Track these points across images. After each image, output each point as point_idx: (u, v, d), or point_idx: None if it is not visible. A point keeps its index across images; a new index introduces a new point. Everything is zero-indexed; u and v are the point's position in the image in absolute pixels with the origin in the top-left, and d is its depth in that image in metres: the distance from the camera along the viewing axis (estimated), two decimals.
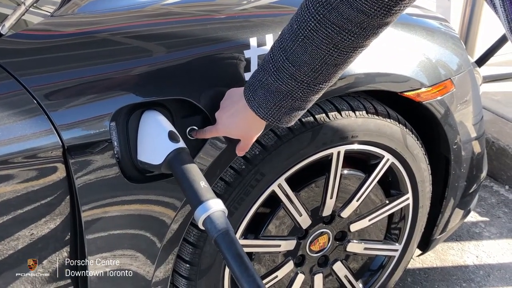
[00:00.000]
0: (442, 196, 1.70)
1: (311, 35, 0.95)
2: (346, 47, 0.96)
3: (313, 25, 0.95)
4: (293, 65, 0.99)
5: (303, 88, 1.02)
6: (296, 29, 0.97)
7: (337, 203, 1.49)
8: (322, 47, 0.96)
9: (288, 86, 1.01)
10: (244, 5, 1.44)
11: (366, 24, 0.93)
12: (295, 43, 0.98)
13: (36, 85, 1.02)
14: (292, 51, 0.98)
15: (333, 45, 0.95)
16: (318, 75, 1.00)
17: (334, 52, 0.96)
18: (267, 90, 1.03)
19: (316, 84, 1.02)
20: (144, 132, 1.10)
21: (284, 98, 1.03)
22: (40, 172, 1.03)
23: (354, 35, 0.94)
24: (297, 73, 1.00)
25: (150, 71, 1.12)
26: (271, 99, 1.04)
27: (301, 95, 1.03)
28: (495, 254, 2.17)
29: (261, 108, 1.05)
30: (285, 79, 1.01)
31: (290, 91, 1.02)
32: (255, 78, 1.06)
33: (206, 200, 0.99)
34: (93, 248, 1.14)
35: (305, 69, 0.99)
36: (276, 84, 1.02)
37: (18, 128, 0.99)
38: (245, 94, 1.07)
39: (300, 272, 1.54)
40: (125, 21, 1.26)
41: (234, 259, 0.94)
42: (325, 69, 0.99)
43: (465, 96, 1.61)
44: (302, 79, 1.00)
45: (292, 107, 1.05)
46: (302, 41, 0.97)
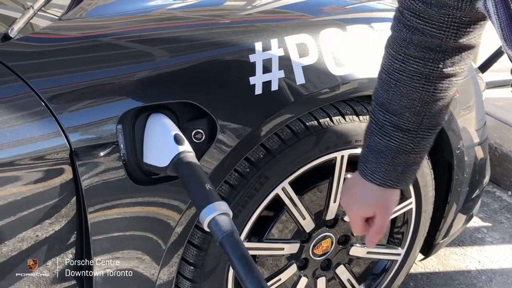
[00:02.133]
0: (445, 201, 1.71)
1: (400, 76, 0.94)
2: (438, 78, 0.94)
3: (398, 66, 0.94)
4: (394, 115, 0.97)
5: (412, 137, 0.98)
6: (385, 78, 0.97)
7: (341, 207, 1.50)
8: (415, 84, 0.94)
9: (396, 140, 0.98)
10: (249, 10, 1.45)
11: (444, 47, 0.91)
12: (389, 91, 0.96)
13: (44, 87, 1.04)
14: (389, 101, 0.97)
15: (425, 79, 0.93)
16: (423, 119, 0.97)
17: (429, 87, 0.94)
18: (377, 152, 1.00)
19: (424, 130, 0.98)
20: (150, 134, 1.11)
21: (396, 155, 0.99)
22: (47, 173, 1.04)
23: (439, 62, 0.92)
24: (401, 123, 0.97)
25: (157, 74, 1.13)
26: (383, 161, 1.00)
27: (413, 147, 0.99)
28: (498, 259, 2.17)
29: (375, 174, 1.01)
30: (391, 132, 0.98)
31: (400, 145, 0.98)
32: (363, 147, 1.03)
33: (211, 203, 1.00)
34: (99, 249, 1.15)
35: (408, 115, 0.96)
36: (383, 142, 0.99)
37: (26, 130, 1.01)
38: (359, 167, 1.04)
39: (303, 276, 1.55)
40: (131, 25, 1.28)
41: (239, 260, 0.95)
42: (427, 109, 0.96)
43: (468, 101, 1.62)
44: (408, 127, 0.97)
45: (407, 163, 1.00)
46: (395, 85, 0.95)
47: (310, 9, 1.49)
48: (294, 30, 1.29)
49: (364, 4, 1.62)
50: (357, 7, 1.60)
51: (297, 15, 1.46)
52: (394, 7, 1.66)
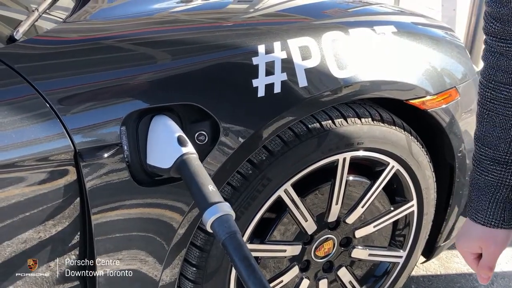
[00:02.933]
0: (447, 204, 1.71)
1: (492, 105, 0.93)
2: None
3: (489, 95, 0.93)
4: (489, 147, 0.95)
5: (511, 170, 0.94)
6: (479, 110, 0.96)
7: (342, 209, 1.50)
8: (508, 113, 0.92)
9: (494, 174, 0.95)
10: (252, 13, 1.46)
11: None
12: (483, 123, 0.95)
13: (49, 89, 1.05)
14: (484, 133, 0.95)
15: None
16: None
17: None
18: (477, 190, 0.98)
19: None
20: (154, 136, 1.12)
21: (496, 191, 0.95)
22: (52, 174, 1.05)
23: None
24: (497, 155, 0.94)
25: (160, 76, 1.14)
26: (484, 198, 0.96)
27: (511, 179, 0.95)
28: (499, 262, 2.15)
29: (478, 212, 0.97)
30: (488, 166, 0.95)
31: (499, 180, 0.95)
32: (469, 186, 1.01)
33: (214, 204, 1.01)
34: (102, 249, 1.16)
35: (503, 147, 0.93)
36: (482, 177, 0.96)
37: (31, 131, 1.02)
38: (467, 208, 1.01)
39: (305, 277, 1.55)
40: (135, 28, 1.29)
41: (242, 261, 0.96)
42: None
43: (470, 105, 1.62)
44: (506, 160, 0.94)
45: (510, 199, 0.96)
46: (488, 115, 0.94)
47: (313, 12, 1.50)
48: (296, 33, 1.30)
49: (366, 8, 1.63)
50: (359, 11, 1.61)
51: (300, 18, 1.47)
52: (396, 10, 1.68)
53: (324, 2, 1.61)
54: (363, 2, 1.69)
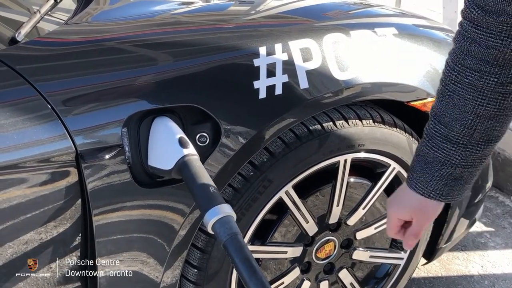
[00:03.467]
0: (448, 206, 1.71)
1: (455, 87, 0.95)
2: (493, 93, 0.93)
3: (454, 77, 0.95)
4: (445, 126, 0.97)
5: (460, 150, 0.97)
6: (441, 89, 0.97)
7: (344, 211, 1.50)
8: (469, 97, 0.94)
9: (443, 151, 0.98)
10: (253, 15, 1.46)
11: (501, 60, 0.91)
12: (443, 102, 0.97)
13: (51, 91, 1.05)
14: (442, 112, 0.97)
15: (479, 92, 0.93)
16: (473, 132, 0.96)
17: (483, 101, 0.93)
18: (424, 161, 1.00)
19: (474, 145, 0.97)
20: (155, 138, 1.12)
21: (442, 166, 0.99)
22: (53, 176, 1.05)
23: (495, 76, 0.92)
24: (450, 134, 0.97)
25: (161, 78, 1.14)
26: (428, 171, 1.00)
27: (460, 159, 0.98)
28: (500, 264, 2.17)
29: (419, 183, 1.02)
30: (440, 143, 0.98)
31: (447, 157, 0.98)
32: (413, 158, 1.04)
33: (216, 205, 1.01)
34: (103, 251, 1.16)
35: (458, 127, 0.96)
36: (431, 152, 0.99)
37: (33, 132, 1.02)
38: (407, 177, 1.05)
39: (306, 279, 1.55)
40: (137, 30, 1.29)
41: (243, 263, 0.96)
42: (479, 123, 0.95)
43: None
44: (457, 140, 0.96)
45: (453, 177, 0.99)
46: (449, 96, 0.96)
47: (314, 14, 1.50)
48: (298, 35, 1.30)
49: (367, 10, 1.63)
50: (360, 13, 1.61)
51: (301, 20, 1.47)
52: (397, 12, 1.68)
53: (325, 4, 1.62)
54: (364, 4, 1.70)
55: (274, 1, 1.58)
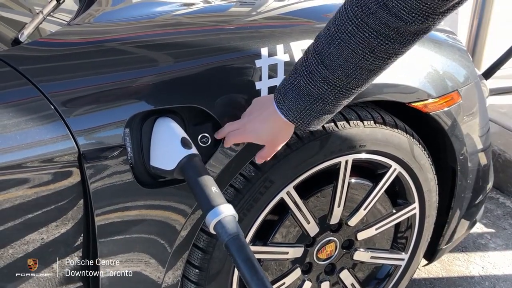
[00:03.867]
0: (449, 207, 1.72)
1: (348, 38, 0.96)
2: (382, 53, 0.97)
3: (350, 29, 0.95)
4: (327, 68, 1.00)
5: (335, 92, 1.02)
6: (333, 32, 0.98)
7: (345, 211, 1.51)
8: (358, 51, 0.96)
9: (320, 89, 1.02)
10: (254, 16, 1.47)
11: (403, 29, 0.93)
12: (331, 46, 0.98)
13: (54, 91, 1.05)
14: (328, 55, 0.99)
15: (369, 49, 0.96)
16: (351, 80, 1.01)
17: (370, 57, 0.97)
18: (298, 93, 1.04)
19: (349, 89, 1.03)
20: (157, 138, 1.13)
21: (315, 101, 1.04)
22: (56, 176, 1.06)
23: (390, 40, 0.95)
24: (330, 77, 1.00)
25: (164, 79, 1.15)
26: (301, 103, 1.04)
27: (332, 99, 1.03)
28: (501, 265, 2.17)
29: (290, 111, 1.06)
30: (318, 82, 1.01)
31: (322, 95, 1.03)
32: (286, 81, 1.07)
33: (217, 205, 1.01)
34: (105, 251, 1.16)
35: (339, 73, 1.00)
36: (308, 87, 1.03)
37: (36, 133, 1.02)
38: (275, 97, 1.08)
39: (307, 280, 1.55)
40: (139, 31, 1.29)
41: (244, 263, 0.96)
42: (359, 73, 1.00)
43: (472, 108, 1.63)
44: (335, 83, 1.01)
45: (322, 111, 1.06)
46: (339, 44, 0.97)
47: (315, 16, 1.51)
48: (299, 36, 1.30)
49: None
50: None
51: (302, 21, 1.47)
52: None
53: (327, 5, 1.62)
54: None
55: (275, 2, 1.58)
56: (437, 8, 0.91)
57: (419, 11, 0.90)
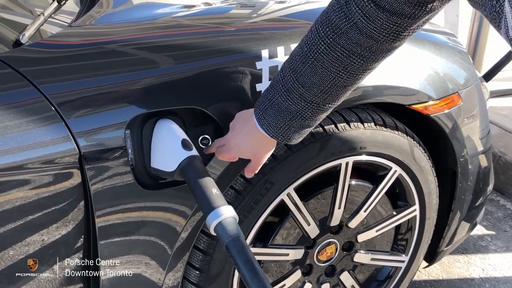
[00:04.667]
0: (449, 209, 1.72)
1: (321, 57, 0.98)
2: (355, 70, 0.98)
3: (323, 49, 0.97)
4: (303, 86, 1.02)
5: (313, 108, 1.04)
6: (306, 52, 1.00)
7: (345, 213, 1.51)
8: (332, 69, 0.98)
9: (297, 106, 1.04)
10: (254, 18, 1.47)
11: (375, 48, 0.95)
12: (305, 65, 1.00)
13: (55, 93, 1.05)
14: (302, 73, 1.01)
15: (342, 67, 0.97)
16: (327, 96, 1.03)
17: (344, 75, 0.99)
18: (277, 109, 1.06)
19: (325, 104, 1.05)
20: (158, 140, 1.13)
21: (294, 117, 1.06)
22: (56, 177, 1.06)
23: (363, 59, 0.97)
24: (306, 94, 1.02)
25: (164, 81, 1.15)
26: (281, 119, 1.06)
27: (310, 115, 1.06)
28: (501, 268, 2.17)
29: (271, 127, 1.08)
30: (295, 99, 1.03)
31: (300, 111, 1.05)
32: (265, 98, 1.08)
33: (218, 207, 1.01)
34: (106, 252, 1.16)
35: (315, 91, 1.02)
36: (286, 104, 1.04)
37: (37, 134, 1.02)
38: (256, 113, 1.10)
39: (308, 281, 1.55)
40: (140, 32, 1.30)
41: (245, 264, 0.96)
42: (334, 90, 1.02)
43: (472, 110, 1.63)
44: (312, 100, 1.03)
45: (302, 126, 1.08)
46: (312, 63, 0.99)
47: (315, 18, 1.51)
48: (299, 38, 1.29)
49: None
50: None
51: (302, 23, 1.47)
52: None
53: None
54: None
55: (275, 5, 1.59)
56: (407, 27, 0.92)
57: (390, 31, 0.92)
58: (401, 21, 0.90)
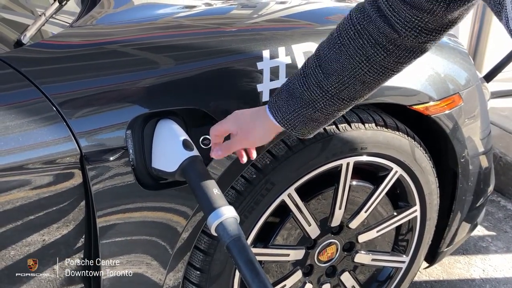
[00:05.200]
0: (450, 209, 1.72)
1: (348, 43, 0.98)
2: (377, 64, 0.98)
3: (352, 34, 0.98)
4: (323, 72, 1.01)
5: (327, 99, 1.03)
6: (335, 37, 1.00)
7: (346, 214, 1.51)
8: (356, 57, 0.98)
9: (312, 93, 1.03)
10: (255, 18, 1.47)
11: (399, 42, 0.96)
12: (331, 50, 1.00)
13: (56, 93, 1.06)
14: (326, 58, 1.01)
15: (365, 57, 0.98)
16: (344, 89, 1.01)
17: (365, 66, 0.98)
18: (291, 94, 1.05)
19: (340, 99, 1.03)
20: (159, 140, 1.13)
21: (305, 105, 1.04)
22: (58, 177, 1.06)
23: (387, 51, 0.97)
24: (324, 82, 1.01)
25: (166, 81, 1.15)
26: (292, 104, 1.05)
27: (322, 106, 1.03)
28: (502, 268, 2.17)
29: (280, 111, 1.06)
30: (312, 86, 1.02)
31: (313, 100, 1.03)
32: (283, 85, 1.08)
33: (219, 207, 1.01)
34: (107, 252, 1.16)
35: (333, 79, 1.01)
36: (301, 89, 1.03)
37: (38, 134, 1.03)
38: (271, 98, 1.09)
39: (308, 282, 1.55)
40: (141, 33, 1.30)
41: (246, 264, 0.96)
42: (352, 83, 1.01)
43: (473, 111, 1.63)
44: (328, 89, 1.02)
45: (311, 118, 1.05)
46: (339, 48, 0.99)
47: (316, 18, 1.51)
48: (300, 38, 1.31)
49: None
50: None
51: (304, 24, 1.48)
52: None
53: (328, 8, 1.62)
54: None
55: (276, 5, 1.59)
56: (428, 23, 0.93)
57: (412, 24, 0.93)
58: (420, 15, 0.91)
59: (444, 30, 0.96)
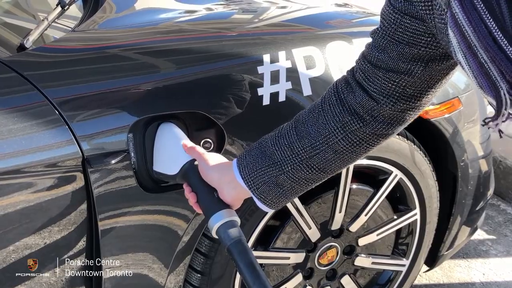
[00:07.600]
0: (449, 213, 1.72)
1: (327, 108, 0.97)
2: (352, 133, 0.97)
3: (333, 100, 0.97)
4: (297, 134, 0.99)
5: (295, 162, 0.99)
6: (318, 103, 1.00)
7: (346, 217, 1.51)
8: (331, 123, 0.97)
9: (282, 154, 1.00)
10: (256, 23, 1.48)
11: (376, 112, 0.94)
12: (311, 114, 0.99)
13: (58, 96, 1.06)
14: (303, 121, 1.00)
15: (341, 124, 0.96)
16: (315, 155, 0.99)
17: (340, 133, 0.97)
18: (262, 152, 1.02)
19: (308, 166, 1.00)
20: (161, 143, 1.14)
21: (272, 165, 1.00)
22: (60, 180, 1.07)
23: (363, 122, 0.95)
24: (296, 143, 0.99)
25: (167, 85, 1.16)
26: (260, 161, 1.01)
27: (289, 169, 1.00)
28: (502, 272, 2.17)
29: (247, 167, 1.02)
30: (283, 146, 1.00)
31: (282, 161, 1.00)
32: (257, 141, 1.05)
33: (220, 210, 1.02)
34: (108, 255, 1.17)
35: (306, 142, 0.98)
36: (272, 148, 1.01)
37: (40, 137, 1.03)
38: (240, 154, 1.06)
39: (309, 285, 1.56)
40: (142, 37, 1.31)
41: (247, 267, 0.97)
42: (324, 150, 0.98)
43: (472, 114, 1.64)
44: (298, 152, 0.99)
45: (276, 181, 1.01)
46: (318, 113, 0.98)
47: (317, 23, 1.52)
48: (301, 42, 1.31)
49: (370, 18, 1.65)
50: (362, 21, 1.62)
51: (304, 28, 1.49)
52: None
53: (328, 12, 1.63)
54: (367, 13, 1.71)
55: (277, 10, 1.60)
56: (406, 88, 0.91)
57: (389, 92, 0.92)
58: (397, 77, 0.90)
59: (422, 95, 0.94)
